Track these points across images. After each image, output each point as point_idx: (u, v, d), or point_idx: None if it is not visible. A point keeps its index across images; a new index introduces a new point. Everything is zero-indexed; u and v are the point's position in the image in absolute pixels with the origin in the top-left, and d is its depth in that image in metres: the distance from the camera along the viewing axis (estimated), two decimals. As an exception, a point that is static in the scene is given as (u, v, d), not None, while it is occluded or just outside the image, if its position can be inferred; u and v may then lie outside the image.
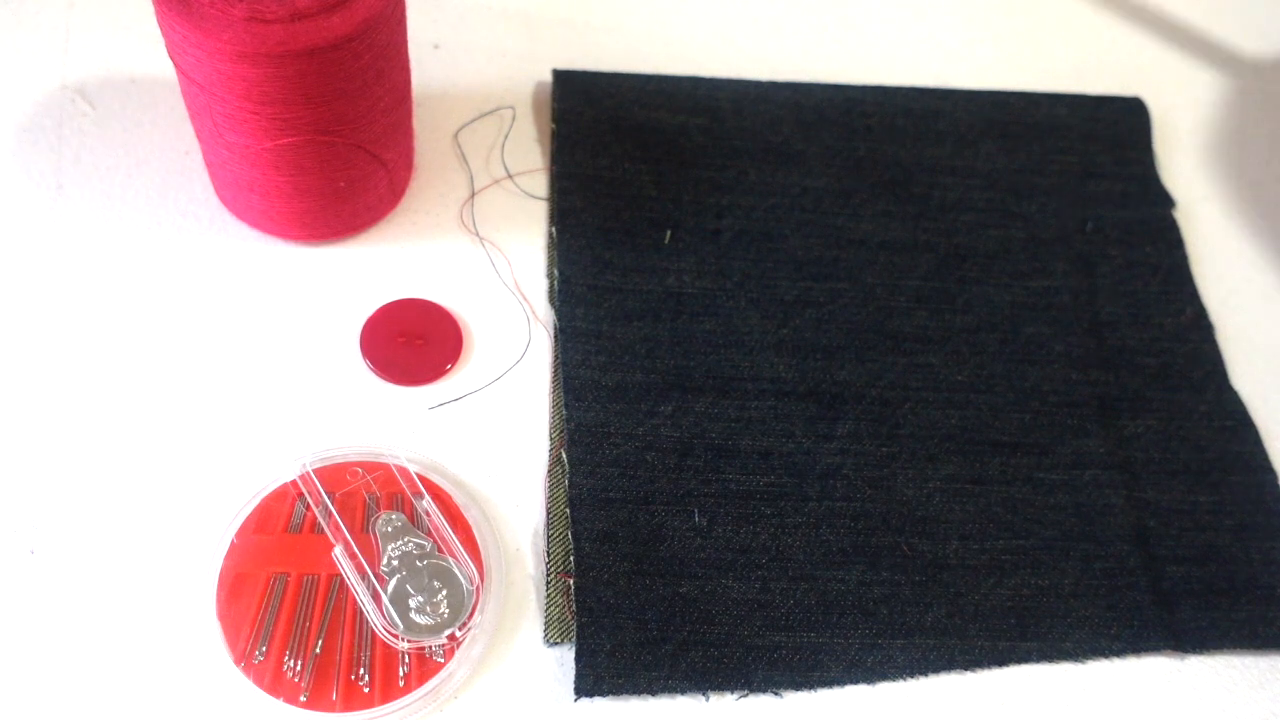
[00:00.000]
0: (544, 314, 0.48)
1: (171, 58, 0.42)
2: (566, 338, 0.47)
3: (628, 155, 0.52)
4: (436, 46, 0.56)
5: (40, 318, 0.45)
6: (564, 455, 0.44)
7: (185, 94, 0.44)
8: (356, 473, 0.42)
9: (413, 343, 0.47)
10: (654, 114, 0.54)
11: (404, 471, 0.43)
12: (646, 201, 0.51)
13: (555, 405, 0.46)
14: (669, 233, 0.51)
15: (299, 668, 0.38)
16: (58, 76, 0.52)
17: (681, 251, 0.50)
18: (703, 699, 0.40)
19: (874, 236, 0.52)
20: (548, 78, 0.55)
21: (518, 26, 0.57)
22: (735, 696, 0.41)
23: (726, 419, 0.46)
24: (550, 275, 0.49)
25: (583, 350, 0.47)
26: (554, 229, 0.50)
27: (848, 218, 0.52)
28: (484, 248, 0.50)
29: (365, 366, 0.46)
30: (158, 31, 0.42)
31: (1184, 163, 0.59)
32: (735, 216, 0.51)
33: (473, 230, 0.50)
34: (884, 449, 0.46)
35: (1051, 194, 0.55)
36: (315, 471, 0.42)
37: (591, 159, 0.52)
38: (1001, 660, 0.42)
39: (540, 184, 0.52)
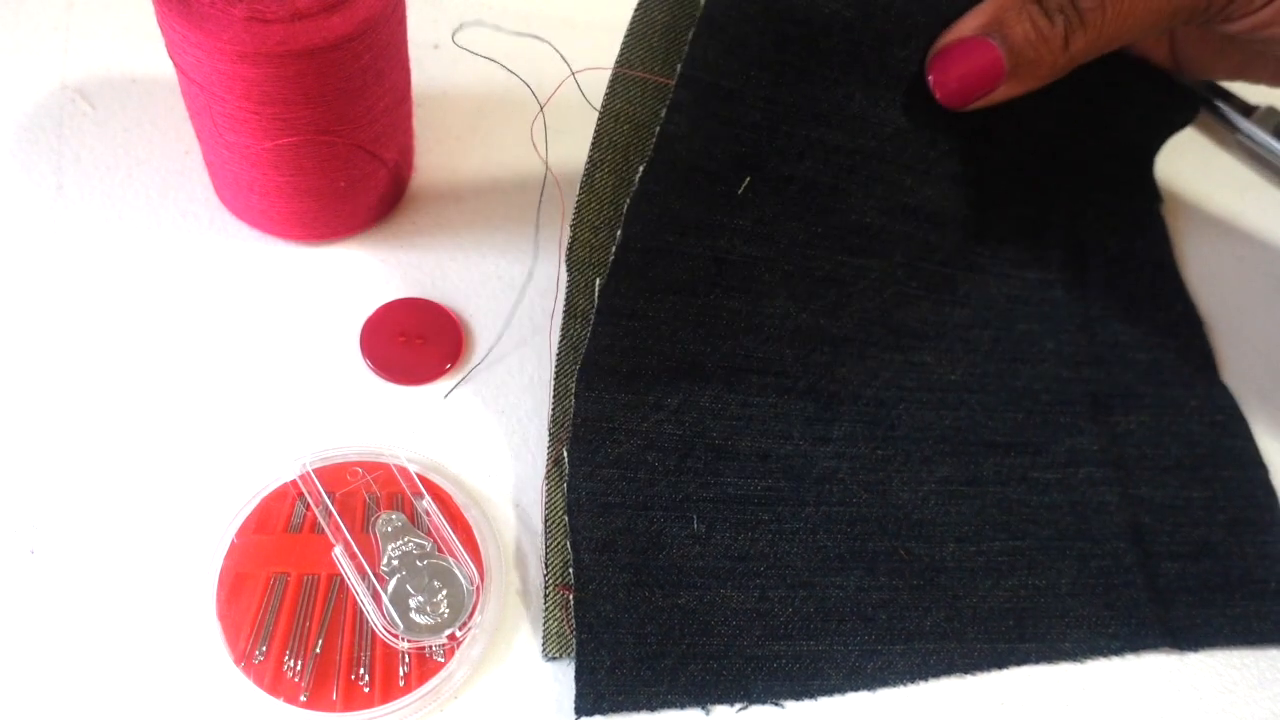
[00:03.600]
0: (545, 313, 0.48)
1: (171, 58, 0.42)
2: (602, 317, 0.43)
3: (754, 61, 0.43)
4: (436, 46, 0.56)
5: (40, 318, 0.45)
6: (565, 454, 0.44)
7: (185, 94, 0.44)
8: (356, 473, 0.43)
9: (413, 343, 0.47)
10: None
11: (404, 471, 0.43)
12: (748, 129, 0.43)
13: (556, 403, 0.46)
14: (747, 179, 0.44)
15: (299, 668, 0.38)
16: (58, 76, 0.52)
17: (746, 205, 0.44)
18: (703, 713, 0.40)
19: (926, 206, 0.47)
20: (548, 77, 0.55)
21: (518, 26, 0.57)
22: (736, 709, 0.40)
23: (729, 416, 0.45)
24: (575, 246, 0.44)
25: (611, 334, 0.43)
26: (643, 165, 0.42)
27: (917, 176, 0.47)
28: (484, 247, 0.50)
29: (365, 366, 0.46)
30: (158, 31, 0.42)
31: (1180, 160, 0.59)
32: (814, 160, 0.45)
33: (473, 230, 0.50)
34: (879, 452, 0.46)
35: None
36: (315, 471, 0.42)
37: (725, 59, 0.42)
38: (1001, 662, 0.42)
39: (540, 183, 0.52)
